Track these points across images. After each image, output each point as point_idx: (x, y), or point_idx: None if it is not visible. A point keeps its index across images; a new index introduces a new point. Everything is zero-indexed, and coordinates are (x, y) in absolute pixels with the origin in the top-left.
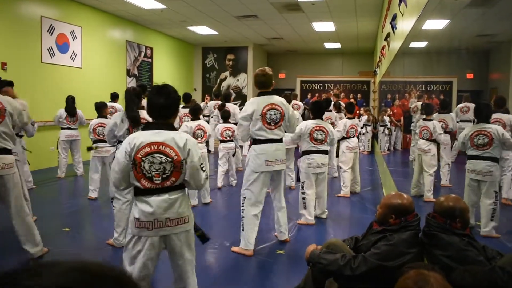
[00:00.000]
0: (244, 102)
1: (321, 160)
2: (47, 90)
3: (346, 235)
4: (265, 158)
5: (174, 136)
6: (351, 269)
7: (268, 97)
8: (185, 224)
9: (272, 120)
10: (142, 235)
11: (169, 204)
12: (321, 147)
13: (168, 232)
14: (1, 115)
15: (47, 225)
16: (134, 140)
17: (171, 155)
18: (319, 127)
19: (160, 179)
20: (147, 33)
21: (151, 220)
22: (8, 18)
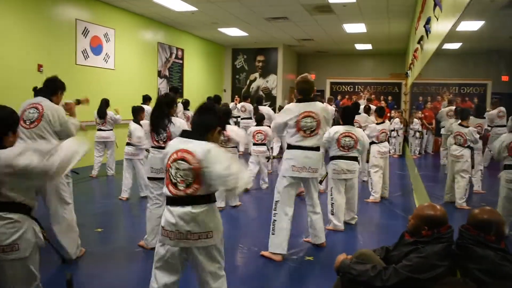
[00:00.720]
0: (274, 103)
1: (347, 167)
2: (80, 91)
3: (375, 242)
4: (293, 164)
5: (199, 145)
6: (381, 280)
7: (307, 104)
8: (208, 239)
9: (307, 127)
10: (165, 243)
11: (191, 218)
12: (349, 153)
13: (189, 245)
14: (38, 119)
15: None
16: (168, 147)
17: (191, 162)
18: (348, 133)
19: (184, 185)
20: (178, 34)
21: (173, 230)
22: (44, 21)
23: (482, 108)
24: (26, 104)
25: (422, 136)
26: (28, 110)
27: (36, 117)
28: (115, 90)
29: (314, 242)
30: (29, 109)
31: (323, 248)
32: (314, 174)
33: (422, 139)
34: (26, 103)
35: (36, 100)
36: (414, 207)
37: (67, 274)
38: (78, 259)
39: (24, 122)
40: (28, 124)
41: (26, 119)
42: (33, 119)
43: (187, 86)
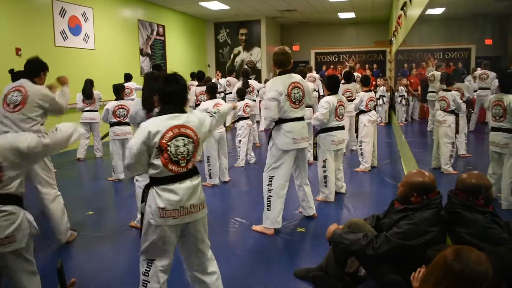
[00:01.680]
0: (259, 76)
1: (342, 136)
2: (61, 73)
3: (366, 210)
4: (293, 136)
5: (190, 116)
6: (373, 248)
7: (289, 75)
8: (204, 208)
9: (296, 98)
10: (167, 224)
11: (193, 190)
12: (341, 123)
13: (192, 219)
14: (22, 101)
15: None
16: (152, 127)
17: (191, 136)
18: (341, 102)
19: (185, 162)
20: (158, 11)
21: (177, 208)
22: (20, 3)
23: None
24: (8, 88)
25: (408, 103)
26: (11, 94)
27: (20, 100)
28: (97, 70)
29: (308, 213)
30: (12, 92)
31: (314, 218)
32: (306, 144)
33: (408, 106)
34: (8, 87)
35: (18, 82)
36: (403, 174)
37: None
38: (70, 243)
39: (8, 105)
40: (12, 107)
41: (9, 102)
42: (17, 102)
43: (170, 63)
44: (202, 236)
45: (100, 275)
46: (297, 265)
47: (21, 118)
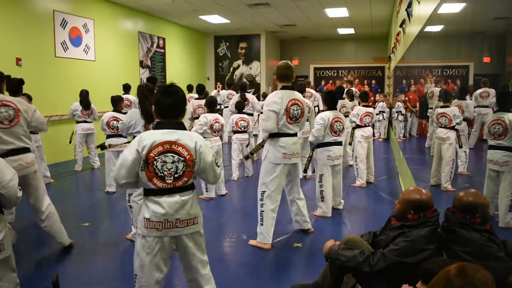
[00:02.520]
0: (258, 90)
1: (339, 152)
2: (61, 84)
3: (362, 226)
4: (284, 151)
5: (186, 135)
6: (369, 265)
7: (291, 92)
8: (195, 225)
9: (294, 115)
10: (151, 236)
11: (180, 205)
12: (338, 138)
13: (178, 233)
14: (16, 115)
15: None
16: (146, 139)
17: (183, 154)
18: (338, 118)
19: (172, 179)
20: (159, 23)
21: (162, 220)
22: (21, 14)
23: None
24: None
25: (406, 119)
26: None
27: (13, 114)
28: (96, 82)
29: (303, 227)
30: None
31: (311, 234)
32: (298, 160)
33: (406, 122)
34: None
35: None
36: (400, 190)
37: (53, 274)
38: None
39: (0, 123)
40: (7, 123)
41: (1, 119)
42: (11, 117)
43: (170, 75)
44: (192, 252)
45: (95, 287)
46: (293, 280)
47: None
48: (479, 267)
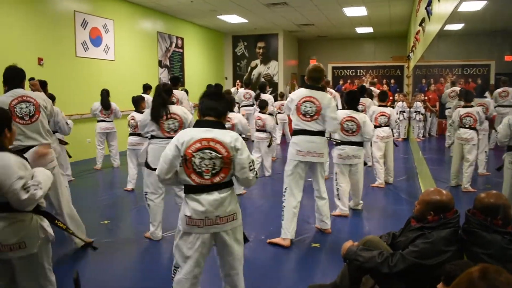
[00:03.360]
0: (275, 90)
1: (352, 152)
2: (82, 83)
3: (381, 227)
4: (297, 148)
5: (224, 133)
6: (388, 266)
7: (311, 90)
8: (234, 221)
9: (306, 112)
10: (192, 232)
11: (220, 202)
12: (352, 138)
13: (218, 230)
14: (36, 111)
15: (86, 217)
16: (184, 136)
17: (221, 151)
18: (350, 117)
19: (209, 175)
20: (177, 23)
21: (202, 218)
22: (43, 14)
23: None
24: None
25: (425, 119)
26: (18, 106)
27: (33, 110)
28: (116, 81)
29: (321, 227)
30: (18, 105)
31: (329, 234)
32: (320, 159)
33: (425, 122)
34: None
35: (18, 92)
36: (419, 191)
37: (74, 272)
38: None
39: (21, 118)
40: (28, 119)
41: (21, 115)
42: (31, 113)
43: (188, 75)
44: (231, 248)
45: (115, 284)
46: (311, 281)
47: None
48: (502, 269)
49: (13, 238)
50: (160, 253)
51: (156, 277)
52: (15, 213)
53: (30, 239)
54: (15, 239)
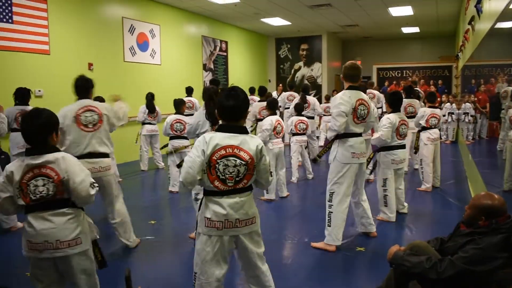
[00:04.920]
0: (319, 92)
1: (403, 156)
2: (129, 87)
3: (428, 232)
4: (352, 151)
5: (248, 139)
6: (436, 272)
7: (358, 92)
8: (253, 224)
9: (360, 115)
10: (211, 235)
11: (240, 206)
12: (403, 141)
13: (237, 233)
14: (100, 120)
15: (133, 217)
16: (209, 141)
17: (245, 159)
18: (403, 121)
19: (233, 182)
20: (221, 27)
21: (222, 220)
22: (93, 21)
23: None
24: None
25: (475, 121)
26: (83, 114)
27: (97, 119)
28: (162, 85)
29: (369, 230)
30: (83, 113)
31: (374, 238)
32: (364, 159)
33: (475, 124)
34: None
35: (85, 102)
36: (469, 195)
37: (125, 270)
38: (133, 251)
39: (85, 126)
40: (91, 127)
41: (86, 123)
42: (95, 121)
43: (231, 78)
44: (251, 250)
45: (161, 283)
46: (355, 285)
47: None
48: None
49: (71, 234)
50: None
51: None
52: (72, 208)
53: (84, 235)
54: (73, 235)
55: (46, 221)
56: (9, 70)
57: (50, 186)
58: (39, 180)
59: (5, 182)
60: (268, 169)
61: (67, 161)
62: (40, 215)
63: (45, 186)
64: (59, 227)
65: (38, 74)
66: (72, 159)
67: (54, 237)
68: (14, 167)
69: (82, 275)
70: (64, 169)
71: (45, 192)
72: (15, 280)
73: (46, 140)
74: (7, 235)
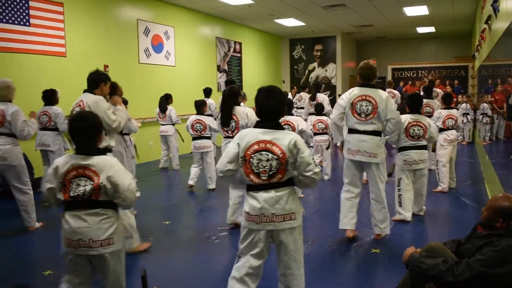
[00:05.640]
0: (334, 92)
1: (418, 157)
2: (144, 89)
3: (445, 234)
4: (348, 146)
5: (281, 135)
6: (453, 275)
7: (365, 89)
8: (292, 220)
9: (362, 111)
10: (251, 228)
11: (275, 200)
12: (418, 143)
13: (274, 227)
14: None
15: (149, 218)
16: (245, 136)
17: (276, 153)
18: (416, 122)
19: (267, 176)
20: (235, 28)
21: (259, 214)
22: (108, 24)
23: None
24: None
25: (492, 121)
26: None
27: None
28: (176, 86)
29: (374, 231)
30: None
31: (390, 240)
32: (372, 159)
33: (492, 125)
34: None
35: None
36: (486, 197)
37: (142, 270)
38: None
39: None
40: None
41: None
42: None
43: (245, 79)
44: (288, 248)
45: (176, 284)
46: (370, 286)
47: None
48: None
49: (104, 234)
50: (221, 253)
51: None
52: (107, 209)
53: (117, 235)
54: (106, 235)
55: (81, 220)
56: (27, 72)
57: (88, 188)
58: (82, 180)
59: (53, 174)
60: (309, 162)
61: (113, 167)
62: (76, 214)
63: (84, 187)
64: (93, 227)
65: (54, 76)
66: (117, 165)
67: (88, 236)
68: (61, 162)
69: (112, 274)
70: (108, 174)
71: (81, 192)
72: (33, 279)
73: (92, 141)
74: (24, 235)
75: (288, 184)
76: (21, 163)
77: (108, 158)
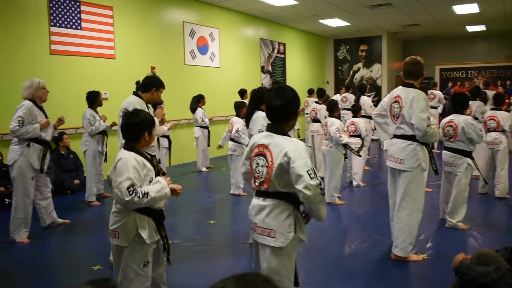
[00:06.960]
0: (379, 94)
1: (447, 159)
2: (190, 90)
3: (497, 241)
4: (387, 152)
5: (279, 141)
6: (506, 284)
7: (400, 88)
8: (270, 238)
9: (395, 113)
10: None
11: (258, 210)
12: (450, 144)
13: (256, 237)
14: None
15: (192, 217)
16: (253, 139)
17: (268, 160)
18: (450, 122)
19: (259, 182)
20: (279, 29)
21: (251, 219)
22: (155, 26)
23: None
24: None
25: None
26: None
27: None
28: (221, 87)
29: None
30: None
31: (437, 245)
32: (399, 165)
33: None
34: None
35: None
36: None
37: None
38: (187, 250)
39: None
40: None
41: None
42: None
43: (289, 80)
44: (261, 265)
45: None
46: None
47: None
48: None
49: (112, 225)
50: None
51: None
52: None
53: (124, 232)
54: (112, 227)
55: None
56: (78, 74)
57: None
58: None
59: None
60: (301, 174)
61: (120, 161)
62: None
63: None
64: (110, 216)
65: (104, 77)
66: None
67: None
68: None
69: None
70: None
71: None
72: (83, 274)
73: (137, 137)
74: (76, 230)
75: (277, 197)
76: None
77: (127, 153)
